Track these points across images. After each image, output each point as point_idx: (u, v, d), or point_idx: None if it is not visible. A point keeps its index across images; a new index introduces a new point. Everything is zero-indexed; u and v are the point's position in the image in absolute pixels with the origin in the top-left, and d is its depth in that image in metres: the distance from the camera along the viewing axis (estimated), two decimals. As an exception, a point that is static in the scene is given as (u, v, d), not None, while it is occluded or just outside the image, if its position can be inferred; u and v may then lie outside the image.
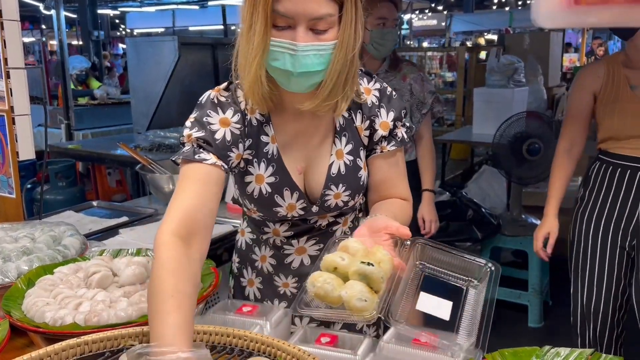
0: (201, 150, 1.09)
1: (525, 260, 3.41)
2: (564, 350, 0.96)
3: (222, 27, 11.17)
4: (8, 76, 1.58)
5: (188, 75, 4.51)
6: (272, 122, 1.18)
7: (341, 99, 1.12)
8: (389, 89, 1.24)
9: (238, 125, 1.15)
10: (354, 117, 1.21)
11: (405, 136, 1.24)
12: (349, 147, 1.20)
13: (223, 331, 0.94)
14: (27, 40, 15.18)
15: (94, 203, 2.44)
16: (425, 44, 16.39)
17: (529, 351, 0.97)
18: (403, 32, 11.16)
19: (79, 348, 0.90)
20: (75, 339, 0.90)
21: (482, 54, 6.24)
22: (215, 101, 1.15)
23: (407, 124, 1.25)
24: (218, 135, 1.12)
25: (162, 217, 2.18)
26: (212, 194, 1.07)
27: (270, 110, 1.17)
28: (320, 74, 1.07)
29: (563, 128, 2.19)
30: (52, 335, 1.03)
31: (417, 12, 15.74)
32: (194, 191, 1.05)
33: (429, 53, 7.44)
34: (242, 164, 1.19)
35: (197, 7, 13.09)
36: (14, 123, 1.61)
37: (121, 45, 15.84)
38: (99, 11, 11.72)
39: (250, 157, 1.18)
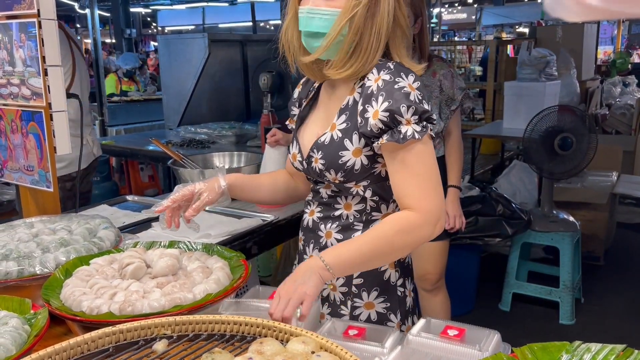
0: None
1: (556, 256, 3.35)
2: (594, 346, 0.93)
3: (251, 23, 11.26)
4: (46, 74, 1.62)
5: (218, 71, 4.56)
6: (319, 89, 1.40)
7: (341, 67, 1.23)
8: (402, 84, 1.17)
9: (300, 88, 1.47)
10: (358, 101, 1.24)
11: (410, 134, 1.14)
12: (344, 125, 1.26)
13: (253, 322, 0.96)
14: (62, 38, 15.51)
15: (128, 197, 2.47)
16: (455, 38, 16.19)
17: (559, 346, 0.94)
18: (432, 26, 11.02)
19: (114, 336, 0.93)
20: (110, 327, 0.93)
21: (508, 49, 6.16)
22: None
23: (422, 125, 1.16)
24: (294, 95, 1.48)
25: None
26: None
27: (320, 80, 1.37)
28: (325, 38, 1.21)
29: None
30: (89, 324, 1.05)
31: (446, 5, 15.54)
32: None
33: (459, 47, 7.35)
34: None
35: (226, 4, 13.21)
36: (51, 119, 1.65)
37: (152, 43, 16.09)
38: (132, 9, 11.92)
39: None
